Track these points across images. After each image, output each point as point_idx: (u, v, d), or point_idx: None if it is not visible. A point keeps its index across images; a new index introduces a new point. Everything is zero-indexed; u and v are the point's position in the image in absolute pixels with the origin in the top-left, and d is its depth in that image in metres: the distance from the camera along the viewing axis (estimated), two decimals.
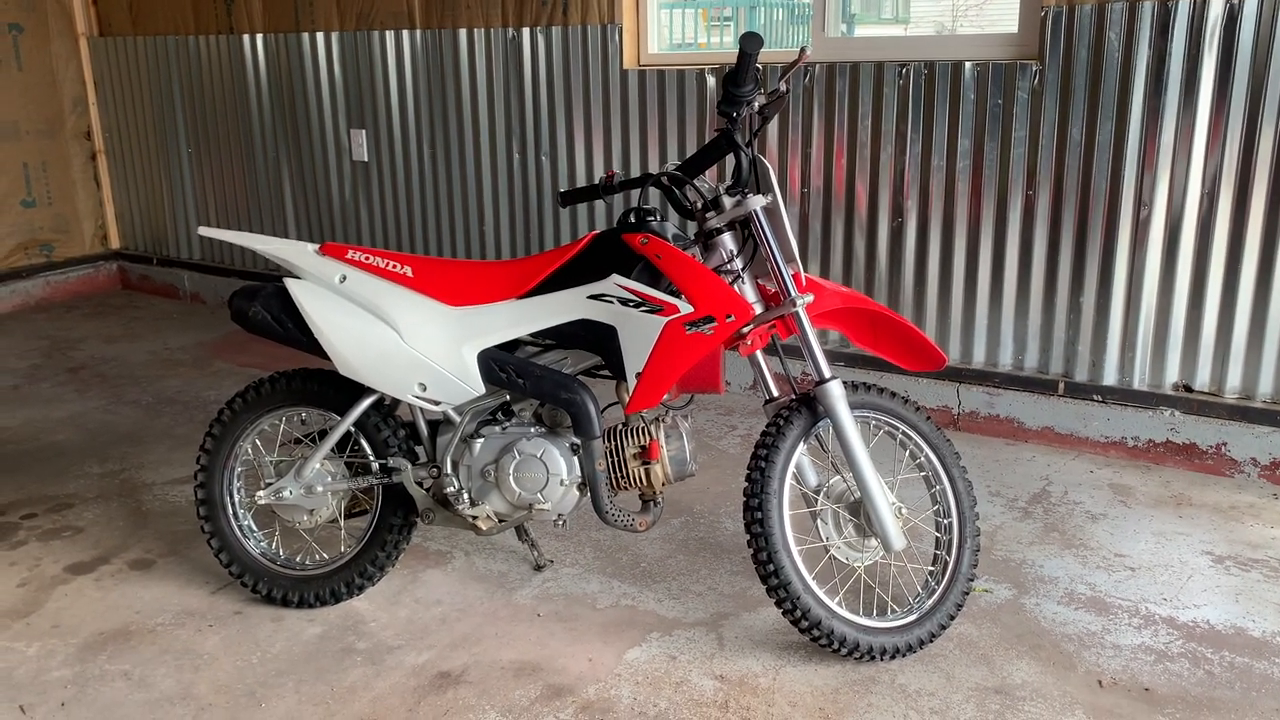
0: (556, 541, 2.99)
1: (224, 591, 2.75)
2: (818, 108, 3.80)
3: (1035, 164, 3.46)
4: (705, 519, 3.11)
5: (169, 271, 5.94)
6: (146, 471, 3.53)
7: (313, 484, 2.59)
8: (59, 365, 4.75)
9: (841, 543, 2.44)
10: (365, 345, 2.45)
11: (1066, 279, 3.49)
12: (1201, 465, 3.37)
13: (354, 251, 2.51)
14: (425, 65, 4.66)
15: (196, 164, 5.64)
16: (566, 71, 4.29)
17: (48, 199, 5.84)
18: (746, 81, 2.28)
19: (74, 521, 3.17)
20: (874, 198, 3.77)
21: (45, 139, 5.79)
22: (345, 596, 2.64)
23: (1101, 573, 2.76)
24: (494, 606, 2.66)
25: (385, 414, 2.58)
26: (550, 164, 4.45)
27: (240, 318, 2.55)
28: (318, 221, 5.25)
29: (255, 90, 5.26)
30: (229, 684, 2.36)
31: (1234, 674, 2.32)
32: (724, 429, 3.83)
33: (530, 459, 2.46)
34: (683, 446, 2.46)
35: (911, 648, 2.37)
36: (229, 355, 4.86)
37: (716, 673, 2.36)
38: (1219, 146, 3.19)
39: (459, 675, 2.37)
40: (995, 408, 3.68)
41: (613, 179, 2.44)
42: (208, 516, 2.67)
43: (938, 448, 2.50)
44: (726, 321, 2.30)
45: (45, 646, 2.52)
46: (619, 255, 2.38)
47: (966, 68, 3.49)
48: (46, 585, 2.80)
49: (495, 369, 2.46)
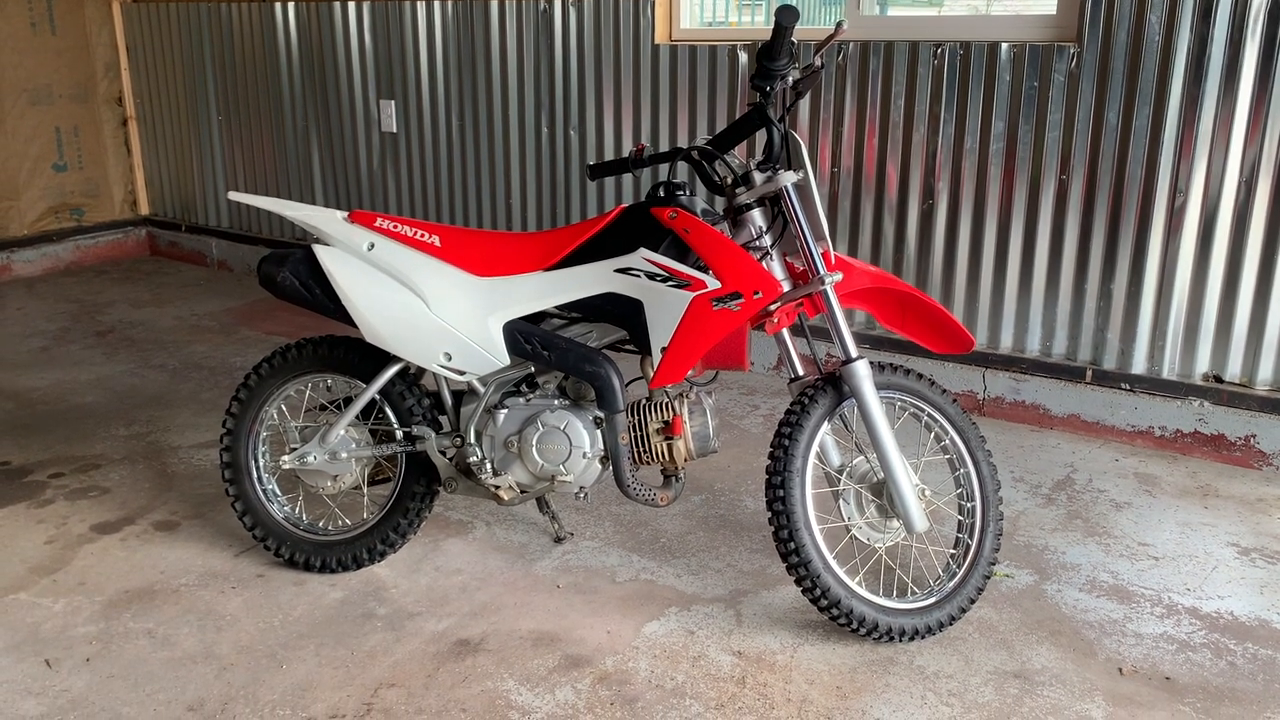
0: (577, 514, 2.99)
1: (247, 554, 2.78)
2: (850, 87, 3.76)
3: (1070, 148, 3.41)
4: (726, 496, 3.11)
5: (197, 238, 5.98)
6: (172, 434, 3.56)
7: (337, 450, 2.60)
8: (87, 328, 4.79)
9: (863, 523, 2.43)
10: (392, 313, 2.45)
11: (1098, 265, 3.45)
12: (1229, 457, 3.33)
13: (382, 220, 2.51)
14: (455, 36, 4.64)
15: (226, 132, 5.66)
16: (598, 45, 4.27)
17: (79, 163, 5.88)
18: (781, 55, 2.25)
19: (100, 482, 3.21)
20: (905, 179, 3.73)
21: (77, 104, 5.82)
22: (367, 562, 2.66)
23: (1124, 561, 2.74)
24: (514, 576, 2.67)
25: (410, 383, 2.59)
26: (579, 138, 4.43)
27: (268, 283, 2.56)
28: (345, 192, 5.26)
29: (286, 58, 5.26)
30: (251, 645, 2.38)
31: (1256, 666, 2.30)
32: (747, 408, 3.82)
33: (553, 431, 2.46)
34: (706, 423, 2.45)
35: (931, 630, 2.36)
36: (255, 323, 4.89)
37: (734, 648, 2.36)
38: (1259, 135, 3.14)
39: (478, 643, 2.38)
40: (1021, 393, 3.65)
41: (642, 152, 2.42)
42: (232, 480, 2.69)
43: (963, 431, 2.48)
44: (754, 298, 2.29)
45: (71, 603, 2.55)
46: (647, 229, 2.37)
47: (1003, 49, 3.45)
48: (73, 544, 2.83)
49: (520, 340, 2.46)
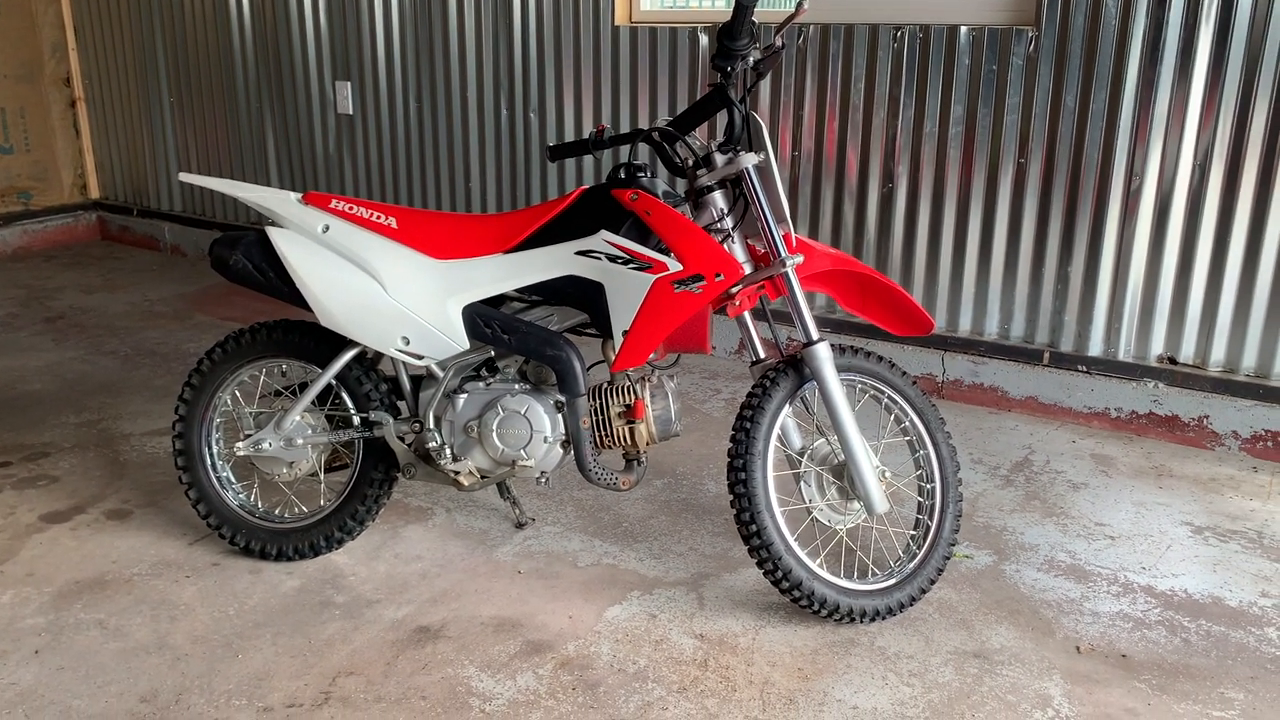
0: (538, 500, 2.97)
1: (201, 543, 2.73)
2: (810, 70, 3.76)
3: (1028, 132, 3.43)
4: (688, 480, 3.10)
5: (149, 223, 5.86)
6: (124, 422, 3.49)
7: (293, 436, 2.56)
8: (36, 314, 4.68)
9: (824, 505, 2.44)
10: (348, 297, 2.41)
11: (1055, 249, 3.48)
12: (1183, 437, 3.38)
13: (338, 201, 2.46)
14: (413, 17, 4.58)
15: (179, 114, 5.55)
16: (557, 26, 4.22)
17: (25, 146, 5.74)
18: (742, 35, 2.24)
19: (50, 471, 3.13)
20: (865, 162, 3.74)
21: (23, 84, 5.68)
22: (324, 550, 2.62)
23: (1081, 541, 2.77)
24: (474, 563, 2.64)
25: (367, 367, 2.55)
26: (539, 119, 4.39)
27: (221, 266, 2.51)
28: (301, 175, 5.18)
29: (239, 39, 5.16)
30: (205, 635, 2.34)
31: (1210, 642, 2.34)
32: (708, 392, 3.82)
33: (514, 415, 2.44)
34: (668, 406, 2.44)
35: (891, 611, 2.37)
36: (209, 308, 4.80)
37: (696, 632, 2.36)
38: (1212, 119, 3.17)
39: (438, 630, 2.36)
40: (980, 376, 3.68)
41: (603, 134, 2.39)
42: (186, 467, 2.64)
43: (922, 413, 2.49)
44: (715, 280, 2.28)
45: (19, 594, 2.49)
46: (608, 211, 2.34)
47: (962, 32, 3.45)
48: (21, 534, 2.77)
49: (480, 324, 2.43)
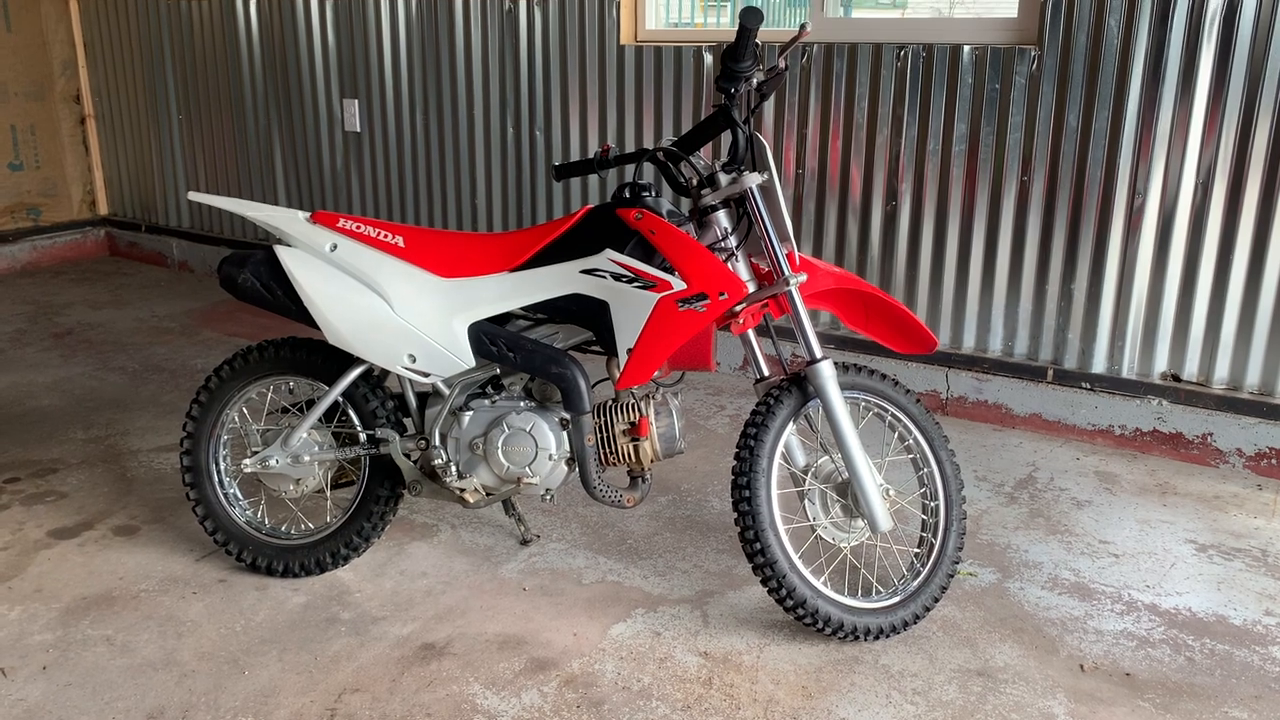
0: (543, 517, 2.98)
1: (208, 559, 2.74)
2: (814, 89, 3.78)
3: (1031, 150, 3.45)
4: (692, 497, 3.11)
5: (158, 239, 5.89)
6: (132, 438, 3.51)
7: (299, 453, 2.58)
8: (44, 330, 4.71)
9: (828, 523, 2.45)
10: (355, 315, 2.43)
11: (1059, 266, 3.49)
12: (1187, 455, 3.38)
13: (345, 220, 2.49)
14: (420, 35, 4.62)
15: (187, 131, 5.59)
16: (563, 45, 4.26)
17: (35, 162, 5.78)
18: (745, 57, 2.26)
19: (58, 486, 3.15)
20: (869, 180, 3.76)
21: (34, 101, 5.73)
22: (330, 567, 2.63)
23: (1085, 559, 2.77)
24: (479, 580, 2.65)
25: (374, 385, 2.57)
26: (544, 138, 4.42)
27: (229, 284, 2.53)
28: (308, 192, 5.21)
29: (247, 56, 5.21)
30: (212, 651, 2.35)
31: (1214, 661, 2.34)
32: (713, 409, 3.83)
33: (519, 433, 2.45)
34: (672, 424, 2.45)
35: (895, 629, 2.37)
36: (216, 325, 4.83)
37: (701, 649, 2.36)
38: (1215, 138, 3.19)
39: (443, 647, 2.37)
40: (983, 393, 3.69)
41: (608, 153, 2.41)
42: (193, 484, 2.65)
43: (926, 430, 2.50)
44: (719, 299, 2.29)
45: (27, 610, 2.50)
46: (613, 230, 2.36)
47: (965, 51, 3.48)
48: (29, 549, 2.78)
49: (486, 342, 2.45)
